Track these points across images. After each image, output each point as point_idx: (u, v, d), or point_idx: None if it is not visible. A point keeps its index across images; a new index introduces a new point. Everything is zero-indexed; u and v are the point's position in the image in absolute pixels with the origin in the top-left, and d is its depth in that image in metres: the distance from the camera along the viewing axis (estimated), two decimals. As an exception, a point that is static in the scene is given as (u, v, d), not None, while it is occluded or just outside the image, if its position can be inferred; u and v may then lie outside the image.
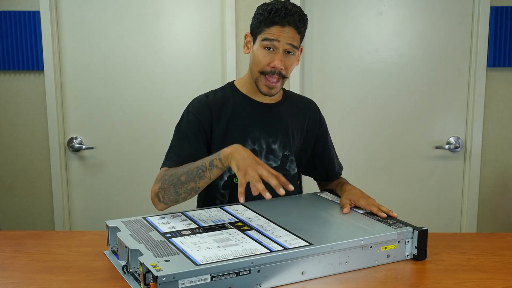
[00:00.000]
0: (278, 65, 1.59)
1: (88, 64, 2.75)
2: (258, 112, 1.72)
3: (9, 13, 2.65)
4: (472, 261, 1.41)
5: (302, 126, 1.78)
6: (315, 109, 1.84)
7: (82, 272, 1.33)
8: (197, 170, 1.49)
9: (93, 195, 2.85)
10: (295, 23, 1.59)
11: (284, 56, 1.60)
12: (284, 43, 1.59)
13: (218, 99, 1.71)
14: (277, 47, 1.59)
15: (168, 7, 2.72)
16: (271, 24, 1.59)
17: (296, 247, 1.26)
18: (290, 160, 1.74)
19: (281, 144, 1.72)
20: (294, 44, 1.60)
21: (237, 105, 1.71)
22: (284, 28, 1.58)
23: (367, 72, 2.76)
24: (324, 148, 1.84)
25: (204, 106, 1.69)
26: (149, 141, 2.80)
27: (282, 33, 1.58)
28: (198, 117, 1.67)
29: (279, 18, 1.57)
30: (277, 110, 1.74)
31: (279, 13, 1.57)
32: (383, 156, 2.82)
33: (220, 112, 1.69)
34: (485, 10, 2.63)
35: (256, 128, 1.70)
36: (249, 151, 1.46)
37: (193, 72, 2.76)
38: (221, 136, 1.68)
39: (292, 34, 1.59)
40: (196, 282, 1.14)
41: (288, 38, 1.59)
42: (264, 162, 1.66)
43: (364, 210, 1.56)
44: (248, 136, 1.69)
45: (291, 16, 1.58)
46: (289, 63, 1.62)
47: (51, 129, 2.74)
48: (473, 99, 2.72)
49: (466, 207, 2.81)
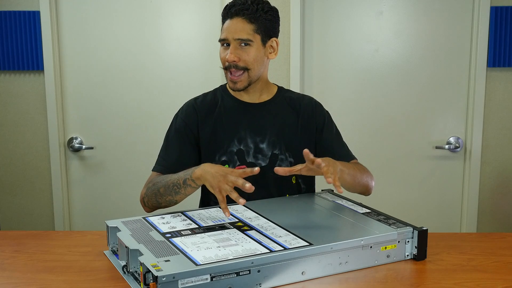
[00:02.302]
0: (229, 58, 1.61)
1: (88, 64, 2.75)
2: (245, 112, 1.73)
3: (9, 13, 2.65)
4: (472, 261, 1.41)
5: (295, 123, 1.75)
6: (309, 103, 1.79)
7: (82, 272, 1.33)
8: (173, 185, 1.55)
9: (93, 195, 2.85)
10: (242, 12, 1.59)
11: (239, 48, 1.61)
12: (231, 38, 1.61)
13: (207, 102, 1.76)
14: (229, 41, 1.61)
15: (168, 7, 2.72)
16: (224, 19, 1.64)
17: (296, 247, 1.26)
18: (280, 159, 1.72)
19: (270, 143, 1.72)
20: (243, 37, 1.60)
21: (224, 107, 1.74)
22: (232, 20, 1.61)
23: (367, 72, 2.76)
24: (325, 143, 1.77)
25: (190, 109, 1.75)
26: (149, 141, 2.80)
27: (230, 26, 1.61)
28: (184, 120, 1.73)
29: (226, 11, 1.62)
30: (266, 109, 1.74)
31: (228, 6, 1.62)
32: (383, 156, 2.82)
33: (207, 114, 1.73)
34: (485, 10, 2.63)
35: (241, 128, 1.71)
36: (217, 166, 1.48)
37: (193, 72, 2.76)
38: (208, 137, 1.71)
39: (241, 25, 1.60)
40: (196, 282, 1.14)
41: (236, 32, 1.60)
42: (252, 161, 1.70)
43: (364, 210, 1.56)
44: (235, 137, 1.71)
45: (236, 6, 1.60)
46: (245, 54, 1.62)
47: (51, 129, 2.75)
48: (473, 99, 2.72)
49: (466, 207, 2.81)
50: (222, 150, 1.70)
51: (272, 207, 1.57)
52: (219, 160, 1.71)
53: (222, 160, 1.70)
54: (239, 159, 1.70)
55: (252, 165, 1.70)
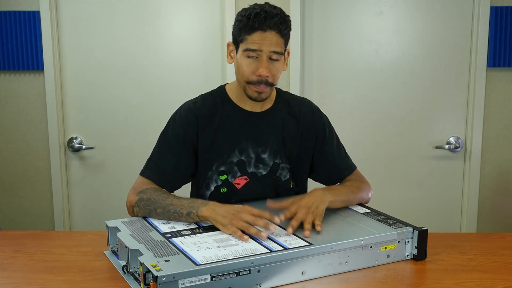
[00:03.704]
0: (263, 73, 1.51)
1: (88, 64, 2.75)
2: (247, 122, 1.66)
3: (9, 13, 2.65)
4: (472, 261, 1.41)
5: (296, 129, 1.71)
6: (309, 108, 1.75)
7: (82, 272, 1.33)
8: (173, 212, 1.45)
9: (93, 195, 2.85)
10: (277, 26, 1.49)
11: (269, 63, 1.52)
12: (267, 50, 1.50)
13: (206, 106, 1.66)
14: (260, 55, 1.51)
15: (168, 7, 2.72)
16: (252, 30, 1.50)
17: (296, 247, 1.26)
18: (281, 167, 1.69)
19: (271, 153, 1.67)
20: (278, 50, 1.52)
21: (225, 115, 1.65)
22: (265, 33, 1.49)
23: (367, 72, 2.76)
24: (326, 156, 1.74)
25: (190, 114, 1.65)
26: (149, 141, 2.78)
27: (265, 40, 1.50)
28: (183, 127, 1.64)
29: (259, 23, 1.48)
30: (268, 118, 1.68)
31: (259, 17, 1.48)
32: (383, 156, 2.82)
33: (207, 122, 1.64)
34: (485, 10, 2.63)
35: (243, 138, 1.65)
36: (225, 206, 1.42)
37: (193, 72, 2.76)
38: (207, 146, 1.64)
39: (276, 39, 1.51)
40: (196, 282, 1.14)
41: (271, 45, 1.50)
42: (253, 171, 1.66)
43: (364, 210, 1.56)
44: (235, 147, 1.64)
45: (271, 19, 1.49)
46: (275, 69, 1.54)
47: (51, 129, 2.74)
48: (473, 99, 2.72)
49: (466, 207, 2.81)
50: (222, 160, 1.64)
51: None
52: (216, 170, 1.64)
53: (220, 170, 1.64)
54: (239, 170, 1.65)
55: (253, 175, 1.66)
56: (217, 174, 1.65)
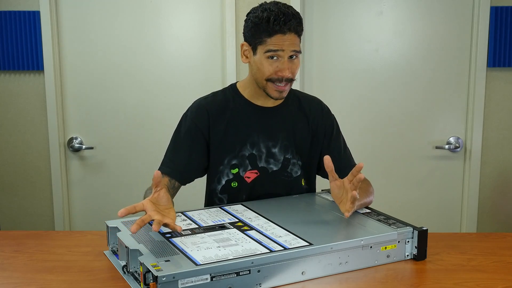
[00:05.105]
0: (286, 73, 1.58)
1: (88, 64, 2.75)
2: (258, 116, 1.70)
3: (9, 13, 2.65)
4: (472, 261, 1.41)
5: (307, 126, 1.75)
6: (319, 106, 1.80)
7: (82, 272, 1.33)
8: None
9: (93, 195, 2.85)
10: (295, 29, 1.58)
11: (289, 62, 1.59)
12: (288, 50, 1.57)
13: (218, 102, 1.71)
14: (281, 55, 1.57)
15: (168, 7, 2.72)
16: (273, 33, 1.56)
17: (296, 247, 1.26)
18: (292, 163, 1.72)
19: (282, 147, 1.71)
20: (297, 49, 1.59)
21: (236, 109, 1.70)
22: (285, 35, 1.56)
23: (367, 72, 2.76)
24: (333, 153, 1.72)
25: (201, 110, 1.70)
26: (149, 141, 2.80)
27: (285, 41, 1.56)
28: (195, 122, 1.68)
29: (280, 26, 1.55)
30: (279, 113, 1.72)
31: (278, 21, 1.54)
32: (383, 156, 2.82)
33: (218, 116, 1.69)
34: (485, 10, 2.63)
35: (255, 132, 1.69)
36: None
37: (193, 72, 2.76)
38: (219, 140, 1.68)
39: (294, 40, 1.58)
40: (196, 282, 1.14)
41: (291, 45, 1.57)
42: (264, 166, 1.70)
43: (364, 210, 1.56)
44: (247, 141, 1.69)
45: (290, 22, 1.56)
46: (294, 67, 1.61)
47: (51, 129, 2.74)
48: (473, 99, 2.72)
49: (466, 207, 2.81)
50: (233, 153, 1.68)
51: (272, 207, 1.57)
52: (228, 163, 1.68)
53: (232, 164, 1.68)
54: (250, 164, 1.69)
55: (263, 169, 1.69)
56: (229, 167, 1.68)
